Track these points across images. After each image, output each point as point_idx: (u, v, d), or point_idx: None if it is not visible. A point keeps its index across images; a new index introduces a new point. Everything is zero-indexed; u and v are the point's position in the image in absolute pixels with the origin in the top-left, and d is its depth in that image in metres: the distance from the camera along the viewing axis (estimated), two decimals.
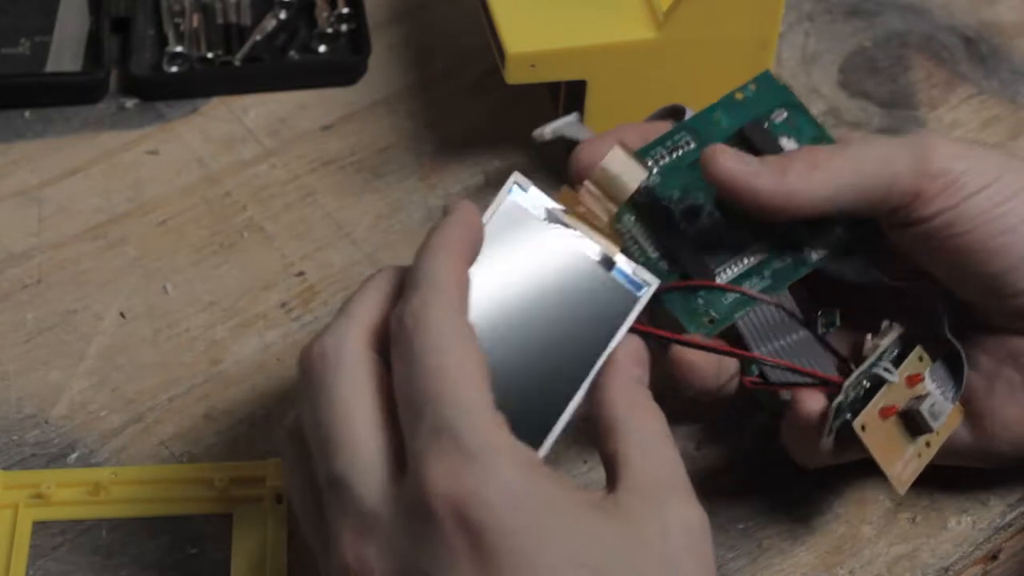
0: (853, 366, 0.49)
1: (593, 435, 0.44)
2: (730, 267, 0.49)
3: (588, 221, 0.47)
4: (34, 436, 0.54)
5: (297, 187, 0.63)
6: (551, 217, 0.48)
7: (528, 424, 0.43)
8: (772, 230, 0.49)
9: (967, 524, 0.53)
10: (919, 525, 0.53)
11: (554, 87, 0.64)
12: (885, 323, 0.50)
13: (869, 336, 0.49)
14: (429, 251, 0.43)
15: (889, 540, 0.52)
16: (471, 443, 0.39)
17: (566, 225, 0.47)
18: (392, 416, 0.41)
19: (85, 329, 0.58)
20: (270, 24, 0.68)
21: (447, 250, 0.43)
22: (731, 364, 0.50)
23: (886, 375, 0.49)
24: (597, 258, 0.47)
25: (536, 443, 0.44)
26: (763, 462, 0.54)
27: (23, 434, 0.54)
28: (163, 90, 0.66)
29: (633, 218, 0.50)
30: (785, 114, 0.51)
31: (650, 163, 0.50)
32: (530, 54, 0.57)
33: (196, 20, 0.68)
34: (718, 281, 0.49)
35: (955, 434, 0.50)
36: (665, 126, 0.52)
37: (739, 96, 0.51)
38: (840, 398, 0.48)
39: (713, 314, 0.49)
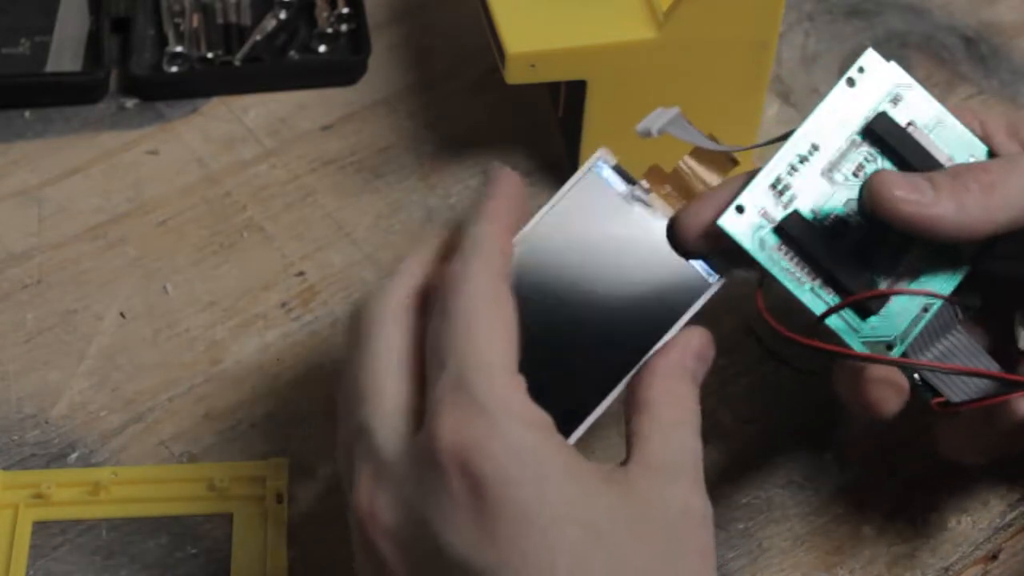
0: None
1: (625, 409, 0.45)
2: (898, 280, 0.47)
3: (672, 203, 0.47)
4: (34, 436, 0.54)
5: (297, 187, 0.63)
6: (633, 195, 0.47)
7: (566, 403, 0.45)
8: None
9: (967, 524, 0.53)
10: (919, 525, 0.53)
11: (554, 87, 0.64)
12: (1019, 314, 0.49)
13: (1020, 328, 0.48)
14: (475, 217, 0.45)
15: (889, 540, 0.52)
16: (484, 398, 0.40)
17: (647, 205, 0.47)
18: (421, 372, 0.42)
19: (85, 329, 0.58)
20: (270, 24, 0.68)
21: (491, 218, 0.45)
22: (907, 385, 0.47)
23: None
24: None
25: (570, 428, 0.45)
26: (763, 462, 0.54)
27: (23, 434, 0.54)
28: (163, 90, 0.66)
29: (780, 246, 0.47)
30: (902, 95, 0.49)
31: (783, 178, 0.47)
32: (530, 54, 0.57)
33: (196, 20, 0.68)
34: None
35: None
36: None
37: (849, 84, 0.48)
38: None
39: (890, 338, 0.47)
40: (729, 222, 0.47)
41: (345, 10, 0.68)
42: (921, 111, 0.49)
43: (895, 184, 0.45)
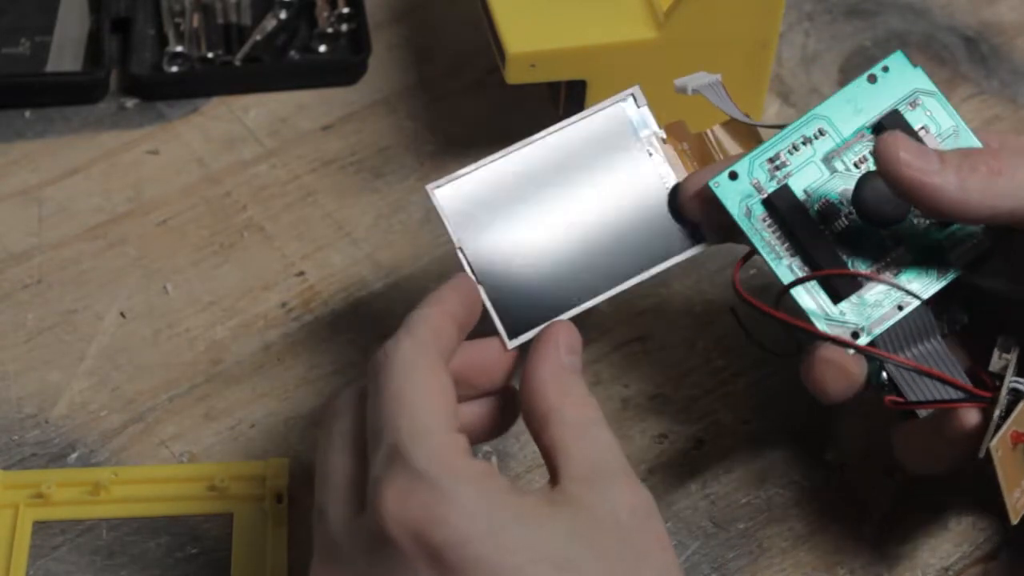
0: (995, 381, 0.47)
1: (528, 426, 0.45)
2: (872, 269, 0.47)
3: (683, 160, 0.48)
4: (34, 436, 0.54)
5: (297, 187, 0.63)
6: (648, 139, 0.48)
7: (523, 310, 0.47)
8: (913, 233, 0.48)
9: (967, 524, 0.53)
10: (919, 525, 0.53)
11: (554, 87, 0.64)
12: (1001, 338, 0.48)
13: (996, 351, 0.47)
14: (420, 305, 0.46)
15: (889, 540, 0.52)
16: (423, 465, 0.40)
17: (657, 153, 0.47)
18: (365, 452, 0.43)
19: (85, 329, 0.58)
20: (270, 24, 0.68)
21: (431, 302, 0.46)
22: (858, 374, 0.47)
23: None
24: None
25: (518, 333, 0.47)
26: (763, 462, 0.54)
27: (23, 434, 0.54)
28: (163, 90, 0.66)
29: (765, 217, 0.48)
30: (920, 101, 0.49)
31: (782, 155, 0.48)
32: (530, 54, 0.57)
33: (196, 20, 0.68)
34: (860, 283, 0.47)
35: None
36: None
37: (871, 80, 0.49)
38: (998, 413, 0.46)
39: (858, 326, 0.47)
40: (719, 185, 0.48)
41: (345, 10, 0.68)
42: (938, 120, 0.49)
43: (904, 147, 0.45)
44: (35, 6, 0.68)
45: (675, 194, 0.49)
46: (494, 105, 0.66)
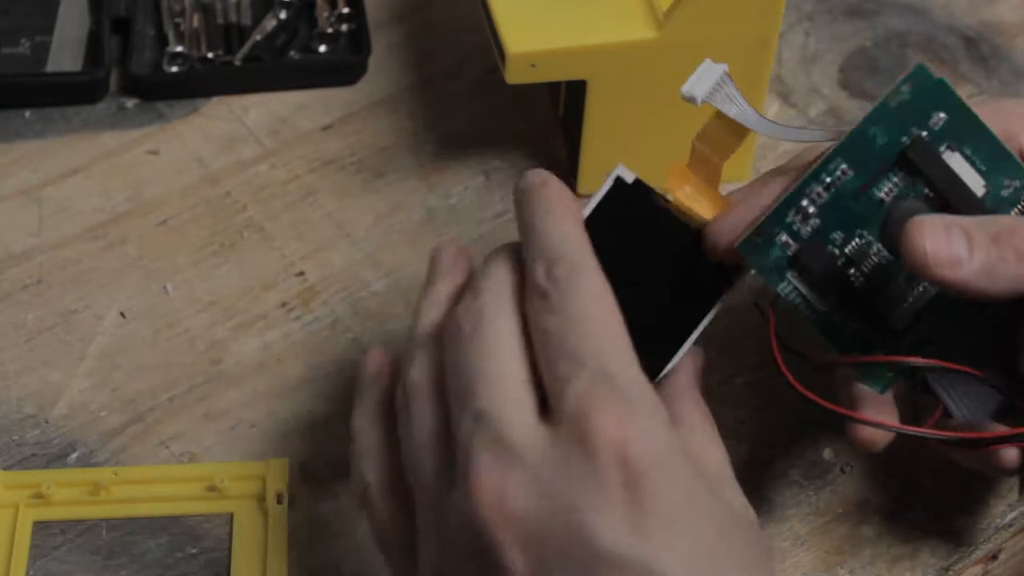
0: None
1: None
2: (904, 309, 0.47)
3: (696, 203, 0.47)
4: (34, 436, 0.54)
5: (297, 187, 0.63)
6: (653, 200, 0.47)
7: None
8: None
9: (967, 524, 0.53)
10: (919, 525, 0.53)
11: (554, 87, 0.64)
12: None
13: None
14: (552, 218, 0.45)
15: (889, 540, 0.52)
16: (632, 394, 0.40)
17: (667, 204, 0.47)
18: (534, 364, 0.42)
19: (85, 329, 0.58)
20: (270, 24, 0.68)
21: (571, 218, 0.45)
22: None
23: None
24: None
25: None
26: (763, 462, 0.54)
27: (23, 434, 0.54)
28: (163, 90, 0.66)
29: (795, 277, 0.47)
30: (944, 118, 0.46)
31: (806, 205, 0.46)
32: (530, 54, 0.57)
33: (196, 20, 0.68)
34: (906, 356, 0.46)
35: None
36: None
37: (894, 102, 0.46)
38: None
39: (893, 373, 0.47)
40: (747, 247, 0.47)
41: (345, 10, 0.68)
42: (962, 132, 0.46)
43: (930, 238, 0.43)
44: (35, 6, 0.68)
45: (704, 243, 0.48)
46: (494, 105, 0.66)
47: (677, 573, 0.38)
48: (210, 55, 0.67)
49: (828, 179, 0.46)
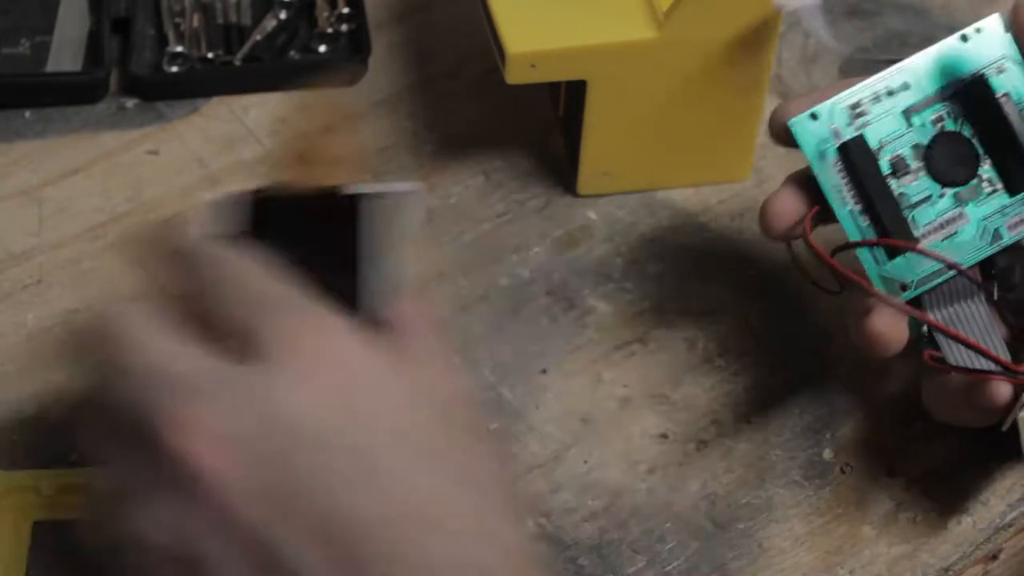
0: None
1: None
2: (933, 233, 0.49)
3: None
4: (34, 436, 0.54)
5: None
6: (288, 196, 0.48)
7: None
8: (974, 196, 0.49)
9: (967, 524, 0.53)
10: (919, 525, 0.53)
11: (554, 87, 0.64)
12: None
13: None
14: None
15: (889, 540, 0.52)
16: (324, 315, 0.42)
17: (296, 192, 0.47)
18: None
19: None
20: (270, 24, 0.68)
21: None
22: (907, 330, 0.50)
23: None
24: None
25: None
26: (763, 462, 0.54)
27: (23, 434, 0.54)
28: (163, 90, 0.66)
29: (837, 162, 0.50)
30: (1007, 67, 0.50)
31: (864, 104, 0.50)
32: (530, 54, 0.57)
33: (196, 20, 0.67)
34: (920, 245, 0.49)
35: None
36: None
37: (962, 39, 0.50)
38: None
39: (907, 280, 0.49)
40: (799, 125, 0.50)
41: (345, 10, 0.68)
42: (1020, 89, 0.50)
43: None
44: (35, 6, 0.68)
45: (771, 120, 0.51)
46: (494, 105, 0.66)
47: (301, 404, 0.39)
48: (210, 55, 0.66)
49: (886, 88, 0.50)
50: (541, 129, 0.65)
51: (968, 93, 0.50)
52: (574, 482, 0.53)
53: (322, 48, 0.67)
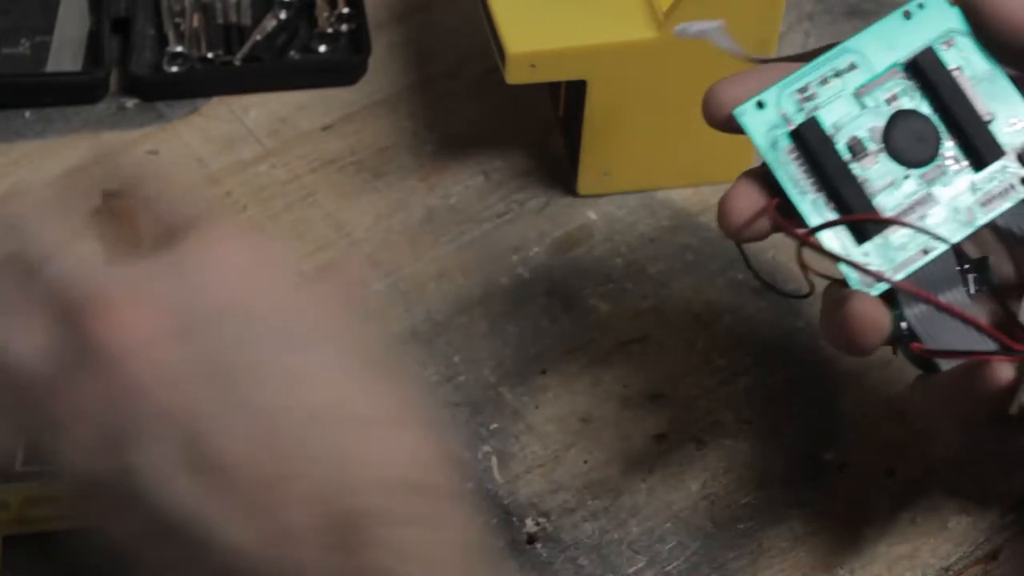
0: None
1: None
2: (902, 217, 0.46)
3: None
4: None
5: (297, 187, 0.63)
6: None
7: None
8: (940, 175, 0.47)
9: (967, 524, 0.53)
10: (919, 525, 0.53)
11: (554, 87, 0.64)
12: None
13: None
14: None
15: (889, 540, 0.52)
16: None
17: None
18: None
19: None
20: (270, 24, 0.68)
21: None
22: (887, 323, 0.46)
23: None
24: None
25: None
26: (763, 462, 0.54)
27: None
28: (163, 90, 0.66)
29: (792, 150, 0.46)
30: (955, 41, 0.48)
31: (811, 87, 0.47)
32: (530, 54, 0.57)
33: (196, 20, 0.67)
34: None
35: None
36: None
37: (906, 16, 0.48)
38: None
39: (879, 268, 0.45)
40: (745, 115, 0.47)
41: (345, 10, 0.68)
42: (972, 62, 0.48)
43: None
44: (35, 6, 0.68)
45: (704, 106, 0.48)
46: (494, 105, 0.66)
47: None
48: (210, 55, 0.66)
49: (832, 69, 0.47)
50: (541, 129, 0.65)
51: (919, 69, 0.47)
52: (574, 482, 0.53)
53: (322, 48, 0.67)
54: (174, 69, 0.66)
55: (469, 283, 0.59)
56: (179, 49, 0.66)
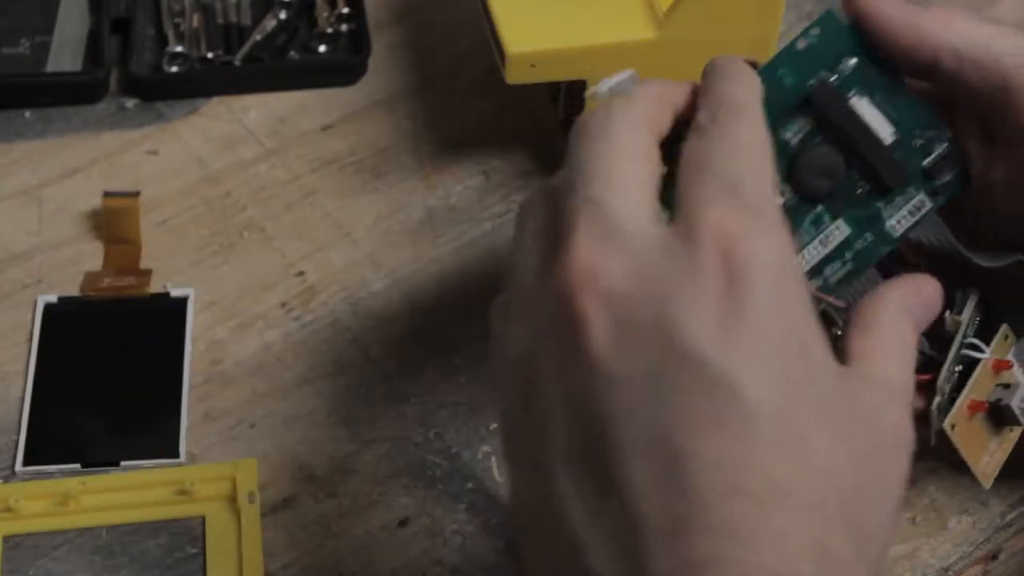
0: (929, 350, 0.46)
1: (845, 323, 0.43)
2: (810, 251, 0.46)
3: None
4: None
5: (297, 187, 0.63)
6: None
7: None
8: (848, 203, 0.46)
9: (967, 524, 0.53)
10: (919, 525, 0.53)
11: (554, 87, 0.64)
12: (959, 293, 0.47)
13: (948, 312, 0.47)
14: (736, 79, 0.43)
15: None
16: (759, 205, 0.39)
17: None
18: (656, 172, 0.41)
19: None
20: (270, 24, 0.68)
21: (753, 87, 0.43)
22: None
23: (977, 354, 0.46)
24: None
25: None
26: None
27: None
28: (163, 90, 0.66)
29: None
30: (853, 64, 0.46)
31: None
32: (530, 54, 0.57)
33: (196, 20, 0.68)
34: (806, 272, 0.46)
35: None
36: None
37: (801, 45, 0.46)
38: (938, 399, 0.46)
39: None
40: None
41: (345, 10, 0.68)
42: (872, 79, 0.46)
43: None
44: (35, 6, 0.68)
45: None
46: (494, 105, 0.66)
47: (751, 394, 0.36)
48: (210, 55, 0.67)
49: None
50: (541, 129, 0.65)
51: (818, 104, 0.46)
52: None
53: (322, 48, 0.68)
54: (174, 69, 0.66)
55: (469, 283, 0.59)
56: (179, 49, 0.66)
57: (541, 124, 0.65)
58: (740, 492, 0.35)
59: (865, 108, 0.47)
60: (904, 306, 0.42)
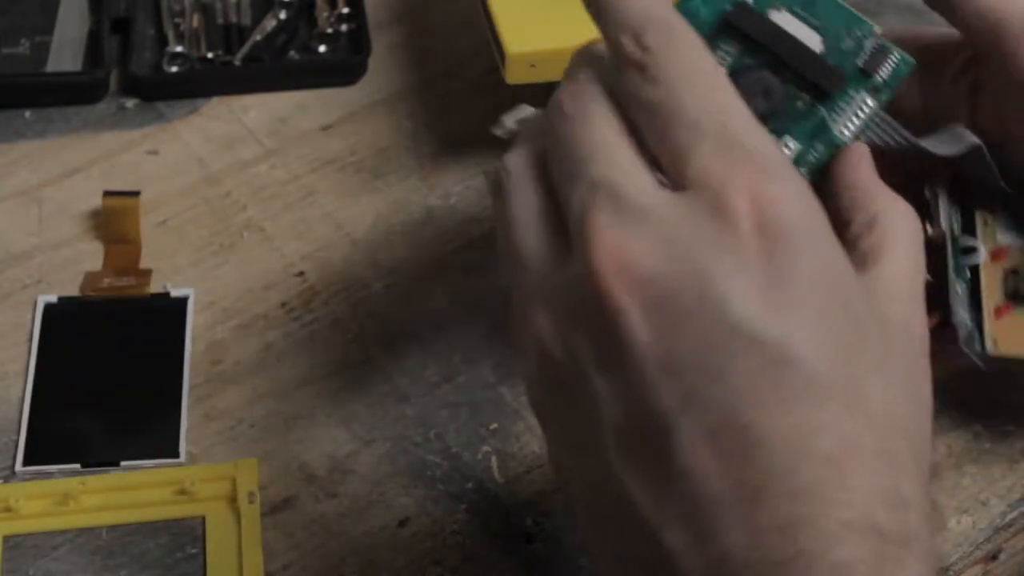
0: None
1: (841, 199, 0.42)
2: None
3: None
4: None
5: (297, 187, 0.63)
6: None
7: None
8: (791, 119, 0.45)
9: (967, 524, 0.53)
10: None
11: (554, 87, 0.64)
12: (928, 191, 0.47)
13: (928, 227, 0.46)
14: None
15: None
16: (763, 155, 0.37)
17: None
18: (637, 143, 0.39)
19: None
20: (270, 24, 0.68)
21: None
22: None
23: (975, 258, 0.46)
24: None
25: None
26: None
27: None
28: (163, 90, 0.66)
29: None
30: None
31: None
32: (530, 54, 0.57)
33: (196, 20, 0.68)
34: None
35: None
36: None
37: None
38: (963, 334, 0.44)
39: None
40: None
41: (345, 10, 0.68)
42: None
43: None
44: (35, 6, 0.68)
45: None
46: (494, 105, 0.66)
47: (809, 358, 0.35)
48: (210, 55, 0.67)
49: None
50: None
51: (736, 26, 0.44)
52: None
53: (322, 48, 0.68)
54: (174, 69, 0.66)
55: (469, 283, 0.59)
56: (179, 49, 0.66)
57: None
58: (815, 455, 0.35)
59: (787, 21, 0.45)
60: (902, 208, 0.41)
